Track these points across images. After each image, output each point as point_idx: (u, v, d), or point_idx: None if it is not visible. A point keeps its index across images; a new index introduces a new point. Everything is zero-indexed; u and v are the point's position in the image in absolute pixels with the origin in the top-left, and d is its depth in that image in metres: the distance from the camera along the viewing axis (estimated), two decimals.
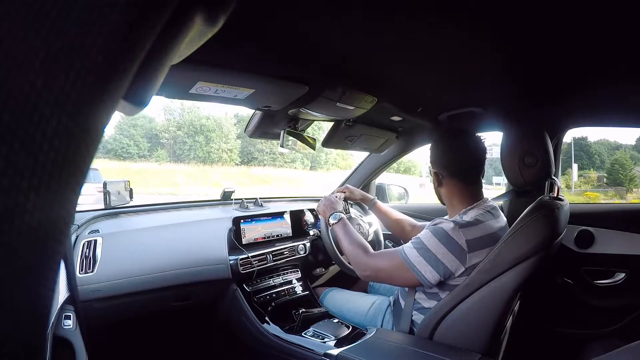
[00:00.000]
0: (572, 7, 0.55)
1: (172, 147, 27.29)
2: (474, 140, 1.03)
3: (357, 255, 1.03)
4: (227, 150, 27.12)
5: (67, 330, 0.78)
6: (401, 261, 0.95)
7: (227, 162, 26.62)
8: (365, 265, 1.01)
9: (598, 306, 1.33)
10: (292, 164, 28.94)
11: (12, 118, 0.11)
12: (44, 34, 0.12)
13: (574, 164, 27.01)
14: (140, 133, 26.15)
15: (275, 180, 21.07)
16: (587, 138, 32.92)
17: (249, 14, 0.55)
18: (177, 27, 0.18)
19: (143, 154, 25.67)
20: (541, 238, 0.87)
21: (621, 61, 0.76)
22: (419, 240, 0.95)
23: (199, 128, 26.74)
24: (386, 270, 0.98)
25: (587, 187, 25.29)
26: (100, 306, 1.02)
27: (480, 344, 0.91)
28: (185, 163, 24.97)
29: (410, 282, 0.96)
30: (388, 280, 1.04)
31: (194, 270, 1.17)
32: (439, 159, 1.05)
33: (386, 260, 0.99)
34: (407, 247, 0.96)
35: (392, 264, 0.97)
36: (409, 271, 0.93)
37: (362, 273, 1.03)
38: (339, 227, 1.12)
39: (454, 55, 0.76)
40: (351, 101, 1.00)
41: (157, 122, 28.17)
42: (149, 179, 16.87)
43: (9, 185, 0.12)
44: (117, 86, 0.14)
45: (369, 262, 1.01)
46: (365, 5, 0.55)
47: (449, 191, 1.04)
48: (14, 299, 0.12)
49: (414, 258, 0.93)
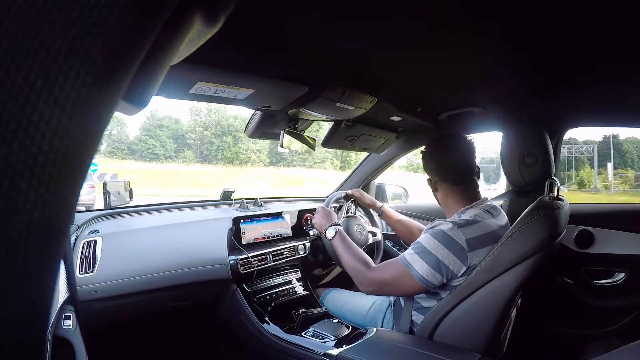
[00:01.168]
0: (571, 8, 0.55)
1: (199, 148, 27.11)
2: (459, 142, 1.04)
3: (358, 271, 1.02)
4: (255, 151, 26.94)
5: (67, 330, 0.78)
6: (404, 269, 0.94)
7: (256, 162, 26.43)
8: (368, 281, 1.00)
9: (598, 306, 1.33)
10: (322, 164, 28.55)
11: (11, 118, 0.11)
12: (44, 34, 0.12)
13: (609, 163, 25.96)
14: (167, 134, 25.96)
15: (308, 181, 20.58)
16: (618, 136, 31.61)
17: (249, 14, 0.55)
18: (177, 27, 0.18)
19: (169, 155, 25.50)
20: (541, 238, 0.87)
21: (621, 61, 0.76)
22: (419, 244, 0.95)
23: (227, 128, 26.59)
24: (390, 282, 0.97)
25: (625, 186, 24.24)
26: (100, 306, 1.02)
27: (480, 344, 0.91)
28: (213, 164, 24.73)
29: (415, 289, 0.95)
30: (393, 291, 1.02)
31: (193, 270, 1.17)
32: (428, 165, 1.07)
33: (388, 271, 0.98)
34: (407, 253, 0.96)
35: (395, 274, 0.96)
36: (413, 278, 0.93)
37: (366, 289, 1.01)
38: (337, 241, 1.11)
39: (454, 55, 0.76)
40: (351, 101, 1.00)
41: (183, 122, 27.93)
42: (178, 179, 16.63)
43: (8, 185, 0.12)
44: (117, 86, 0.14)
45: (371, 278, 0.99)
46: (365, 6, 0.55)
47: (444, 194, 1.06)
48: (14, 299, 0.12)
49: (416, 263, 0.93)
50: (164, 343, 1.40)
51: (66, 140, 0.13)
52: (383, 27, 0.62)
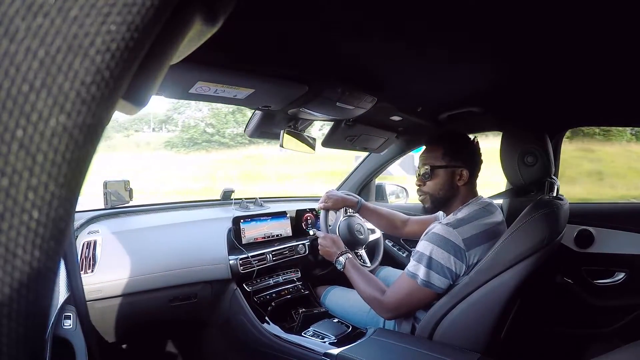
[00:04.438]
0: (571, 8, 0.55)
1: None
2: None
3: (374, 299, 1.02)
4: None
5: (67, 330, 0.78)
6: (411, 281, 0.95)
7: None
8: (385, 309, 1.01)
9: (598, 306, 1.33)
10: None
11: (10, 118, 0.11)
12: (43, 34, 0.12)
13: None
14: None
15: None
16: None
17: (249, 13, 0.55)
18: (177, 27, 0.18)
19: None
20: (541, 237, 0.87)
21: (621, 60, 0.76)
22: (419, 253, 0.95)
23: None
24: (405, 300, 0.97)
25: None
26: (100, 306, 1.02)
27: (480, 344, 0.91)
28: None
29: (429, 298, 0.96)
30: (411, 308, 1.01)
31: (193, 270, 1.17)
32: (460, 152, 1.03)
33: (399, 290, 0.98)
34: (410, 265, 0.97)
35: (407, 290, 0.96)
36: (422, 288, 0.93)
37: (386, 316, 1.03)
38: (349, 271, 1.10)
39: (454, 55, 0.76)
40: (351, 101, 1.00)
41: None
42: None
43: (8, 185, 0.12)
44: (117, 86, 0.14)
45: (387, 304, 1.00)
46: (365, 6, 0.55)
47: (457, 186, 1.03)
48: (13, 299, 0.12)
49: (420, 271, 0.93)
50: (163, 343, 1.40)
51: (66, 140, 0.13)
52: (383, 27, 0.62)
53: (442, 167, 1.03)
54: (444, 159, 1.03)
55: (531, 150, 0.98)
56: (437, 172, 1.03)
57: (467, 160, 1.03)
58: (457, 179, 1.02)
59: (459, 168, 1.02)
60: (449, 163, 1.02)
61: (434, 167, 1.03)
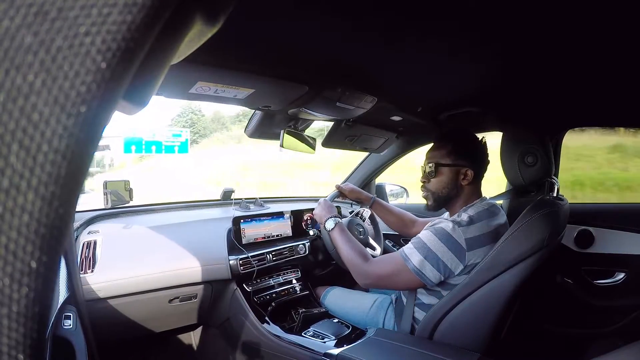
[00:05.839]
0: (571, 8, 0.55)
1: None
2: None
3: (356, 264, 1.02)
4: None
5: (67, 330, 0.78)
6: (403, 263, 0.94)
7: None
8: (365, 274, 1.00)
9: (598, 306, 1.33)
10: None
11: (10, 118, 0.11)
12: (43, 34, 0.12)
13: None
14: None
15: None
16: None
17: (249, 13, 0.55)
18: (177, 27, 0.18)
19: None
20: (541, 237, 0.87)
21: (621, 60, 0.76)
22: (419, 240, 0.95)
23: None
24: (388, 276, 0.97)
25: None
26: (100, 306, 1.02)
27: (480, 344, 0.91)
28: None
29: (413, 284, 0.96)
30: (390, 285, 1.03)
31: (193, 270, 1.17)
32: (467, 151, 1.03)
33: (387, 265, 0.98)
34: (407, 248, 0.96)
35: (394, 268, 0.96)
36: (411, 273, 0.93)
37: (363, 282, 1.02)
38: (336, 234, 1.11)
39: (454, 56, 0.76)
40: (351, 101, 1.00)
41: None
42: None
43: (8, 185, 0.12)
44: (117, 86, 0.14)
45: (369, 271, 0.99)
46: (364, 6, 0.55)
47: (461, 186, 1.03)
48: (13, 299, 0.12)
49: (415, 258, 0.93)
50: (163, 343, 1.40)
51: (66, 140, 0.13)
52: (383, 27, 0.62)
53: (446, 166, 1.02)
54: (449, 157, 1.02)
55: (531, 150, 0.98)
56: (441, 170, 1.03)
57: (472, 160, 1.02)
58: (462, 178, 1.02)
59: (463, 167, 1.02)
60: (454, 162, 1.02)
61: (439, 165, 1.03)
